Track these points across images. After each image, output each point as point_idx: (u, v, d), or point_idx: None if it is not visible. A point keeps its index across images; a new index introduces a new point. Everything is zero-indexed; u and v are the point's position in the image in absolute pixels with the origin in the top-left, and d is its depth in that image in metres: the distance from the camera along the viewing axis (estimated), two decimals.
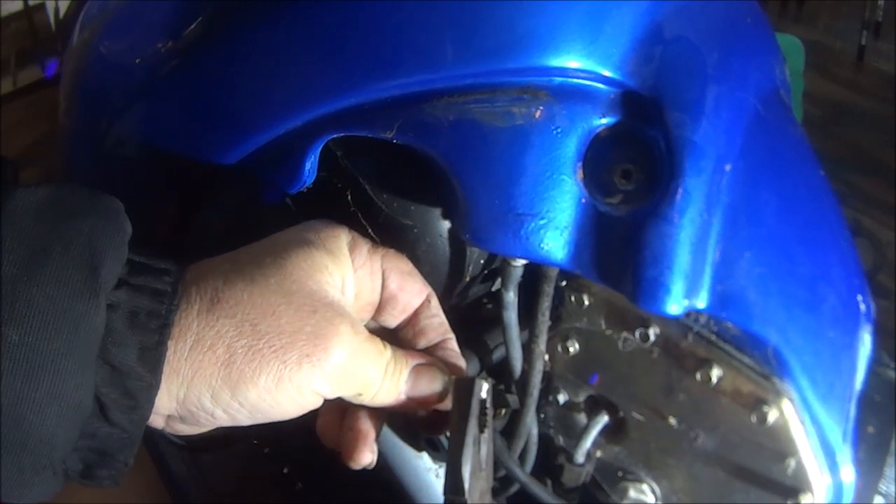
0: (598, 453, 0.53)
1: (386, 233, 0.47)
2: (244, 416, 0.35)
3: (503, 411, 0.54)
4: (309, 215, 0.52)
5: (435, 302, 0.43)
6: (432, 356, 0.41)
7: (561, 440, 0.55)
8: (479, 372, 0.54)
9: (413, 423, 0.43)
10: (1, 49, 2.47)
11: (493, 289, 0.54)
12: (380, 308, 0.41)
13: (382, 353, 0.38)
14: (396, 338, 0.42)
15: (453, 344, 0.42)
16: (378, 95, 0.41)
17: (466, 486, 0.36)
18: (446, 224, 0.46)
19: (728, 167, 0.40)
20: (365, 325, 0.40)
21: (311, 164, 0.44)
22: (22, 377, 0.28)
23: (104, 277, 0.31)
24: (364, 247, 0.40)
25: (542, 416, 0.55)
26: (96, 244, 0.32)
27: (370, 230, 0.48)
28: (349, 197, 0.48)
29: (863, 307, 0.50)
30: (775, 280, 0.42)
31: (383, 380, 0.38)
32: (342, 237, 0.39)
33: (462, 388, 0.39)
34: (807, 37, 1.93)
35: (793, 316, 0.43)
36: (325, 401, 0.37)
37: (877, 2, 2.55)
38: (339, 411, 0.41)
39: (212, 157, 0.47)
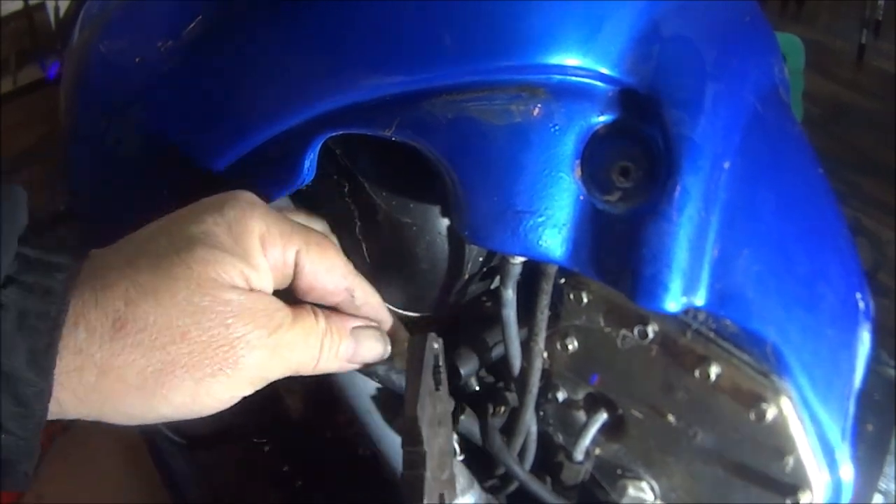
0: (598, 451, 0.53)
1: (384, 230, 0.47)
2: (166, 420, 0.34)
3: (502, 409, 0.54)
4: (308, 213, 0.52)
5: (360, 293, 0.40)
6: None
7: (560, 438, 0.55)
8: (479, 369, 0.54)
9: None
10: (1, 48, 2.47)
11: (492, 286, 0.54)
12: (302, 298, 0.40)
13: (314, 329, 0.37)
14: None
15: (392, 323, 0.42)
16: (377, 93, 0.41)
17: (424, 437, 0.36)
18: (445, 222, 0.46)
19: (726, 165, 0.40)
20: None
21: (310, 162, 0.44)
22: None
23: None
24: (277, 242, 0.37)
25: (542, 413, 0.55)
26: None
27: (367, 228, 0.48)
28: (348, 195, 0.48)
29: (862, 305, 0.50)
30: (774, 278, 0.42)
31: (321, 352, 0.37)
32: (254, 232, 0.36)
33: (415, 344, 0.39)
34: (807, 36, 1.93)
35: (791, 313, 0.43)
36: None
37: (877, 1, 2.55)
38: None
39: (211, 156, 0.47)
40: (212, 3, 0.47)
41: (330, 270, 0.39)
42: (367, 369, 0.41)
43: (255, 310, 0.35)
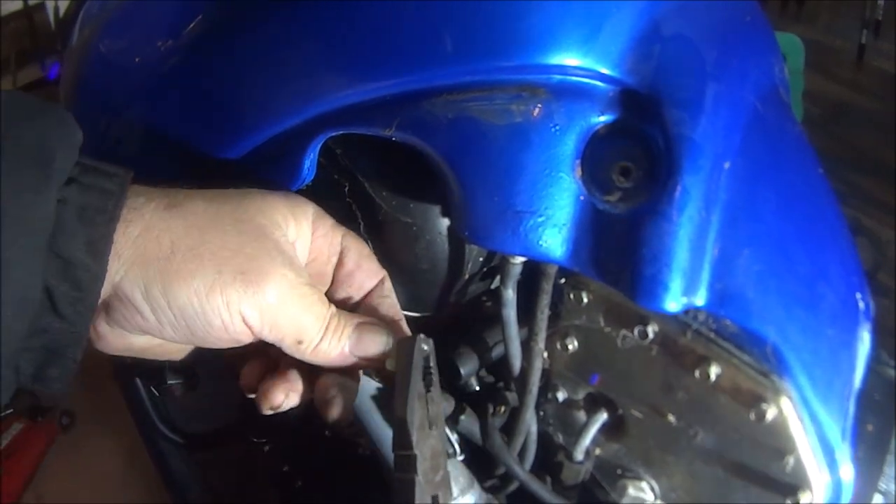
0: (598, 451, 0.53)
1: (385, 230, 0.47)
2: (169, 321, 0.35)
3: (502, 409, 0.54)
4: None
5: (388, 284, 0.44)
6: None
7: (560, 438, 0.55)
8: (479, 369, 0.54)
9: None
10: (1, 48, 2.47)
11: (493, 286, 0.54)
12: (336, 285, 0.42)
13: (324, 305, 0.38)
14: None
15: (403, 325, 0.43)
16: (377, 93, 0.41)
17: (414, 440, 0.36)
18: (445, 222, 0.46)
19: (727, 165, 0.40)
20: None
21: (310, 162, 0.44)
22: None
23: (54, 174, 0.32)
24: (328, 221, 0.41)
25: (542, 413, 0.55)
26: (48, 141, 0.32)
27: (368, 227, 0.48)
28: (348, 194, 0.48)
29: (862, 305, 0.50)
30: (774, 277, 0.42)
31: (325, 332, 0.38)
32: (309, 206, 0.41)
33: (404, 345, 0.39)
34: (807, 36, 1.93)
35: (791, 313, 0.43)
36: (261, 344, 0.38)
37: (877, 1, 2.55)
38: (269, 363, 0.42)
39: (211, 156, 0.47)
40: (212, 3, 0.47)
41: (370, 256, 0.43)
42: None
43: (284, 249, 0.38)
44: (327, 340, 0.38)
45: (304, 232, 0.40)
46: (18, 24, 2.52)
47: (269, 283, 0.36)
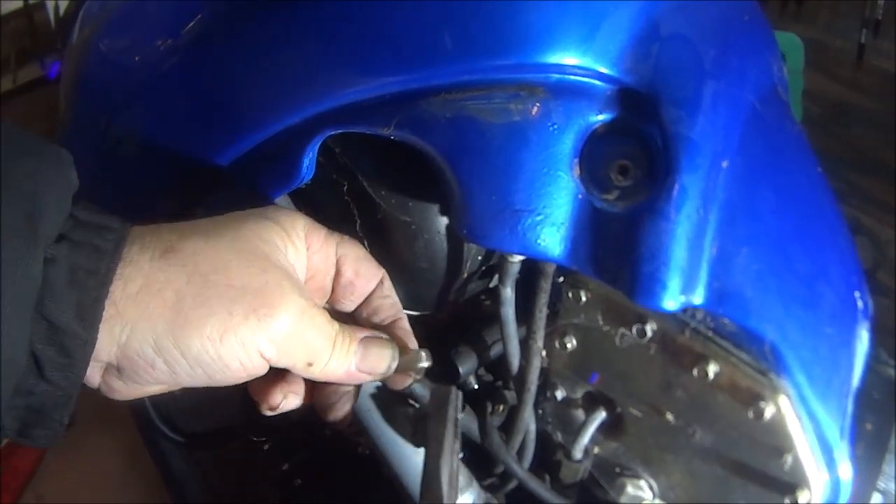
0: (596, 449, 0.53)
1: (383, 229, 0.47)
2: (184, 371, 0.34)
3: (501, 407, 0.54)
4: (308, 212, 0.52)
5: (388, 283, 0.43)
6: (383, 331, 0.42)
7: (559, 436, 0.55)
8: (478, 368, 0.54)
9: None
10: (1, 47, 2.48)
11: (491, 285, 0.54)
12: (336, 294, 0.42)
13: (331, 325, 0.38)
14: (350, 319, 0.42)
15: (405, 323, 0.43)
16: (375, 92, 0.41)
17: (445, 493, 0.36)
18: (444, 220, 0.46)
19: (725, 164, 0.40)
20: None
21: (309, 161, 0.44)
22: None
23: (44, 229, 0.30)
24: (320, 233, 0.40)
25: (540, 412, 0.55)
26: (39, 193, 0.31)
27: (367, 226, 0.48)
28: (347, 193, 0.48)
29: (860, 304, 0.50)
30: (772, 276, 0.42)
31: (332, 351, 0.38)
32: (299, 222, 0.39)
33: (439, 397, 0.39)
34: (807, 35, 1.93)
35: (790, 312, 0.43)
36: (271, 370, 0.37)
37: (876, 0, 2.55)
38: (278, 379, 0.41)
39: (211, 155, 0.47)
40: (211, 3, 0.47)
41: (367, 259, 0.42)
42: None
43: (289, 273, 0.37)
44: (335, 359, 0.38)
45: (300, 250, 0.39)
46: (18, 22, 2.53)
47: (282, 314, 0.34)
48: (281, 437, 0.81)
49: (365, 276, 0.41)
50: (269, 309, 0.34)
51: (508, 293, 0.47)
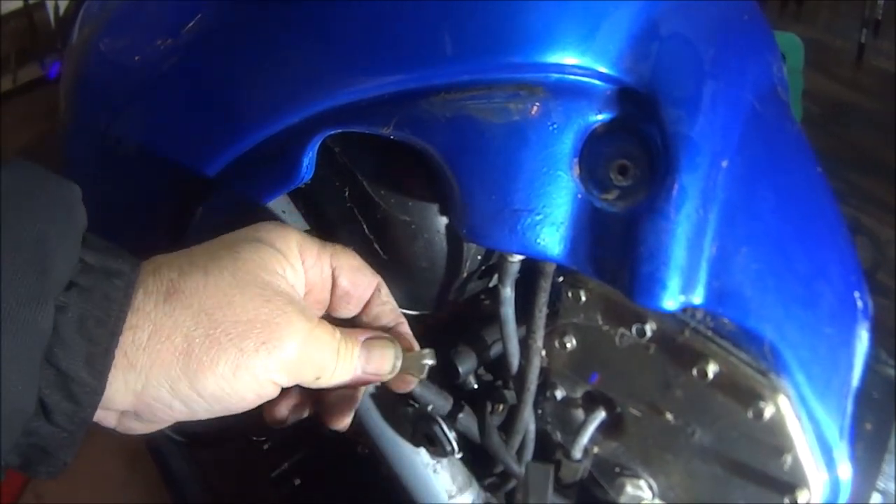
0: (596, 449, 0.53)
1: (383, 229, 0.47)
2: (202, 408, 0.35)
3: (500, 407, 0.54)
4: (307, 212, 0.52)
5: (385, 290, 0.43)
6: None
7: (558, 436, 0.55)
8: (477, 367, 0.54)
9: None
10: (1, 47, 2.48)
11: (491, 285, 0.54)
12: (333, 304, 0.42)
13: (333, 335, 0.38)
14: (350, 325, 0.42)
15: (405, 328, 0.43)
16: (375, 92, 0.41)
17: None
18: (443, 220, 0.46)
19: (724, 163, 0.40)
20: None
21: (308, 161, 0.44)
22: None
23: (54, 281, 0.30)
24: (313, 247, 0.40)
25: (540, 411, 0.55)
26: (48, 244, 0.31)
27: (366, 226, 0.48)
28: (346, 193, 0.48)
29: (860, 304, 0.50)
30: (772, 276, 0.42)
31: (337, 361, 0.38)
32: (292, 238, 0.39)
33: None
34: (807, 35, 1.92)
35: (789, 312, 0.43)
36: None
37: (876, 0, 2.55)
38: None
39: (210, 154, 0.47)
40: (211, 2, 0.47)
41: (361, 268, 0.42)
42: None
43: (292, 296, 0.37)
44: (340, 368, 0.38)
45: (298, 270, 0.39)
46: (18, 22, 2.53)
47: (290, 342, 0.35)
48: (281, 437, 0.81)
49: (361, 286, 0.42)
50: (277, 340, 0.35)
51: (508, 293, 0.47)
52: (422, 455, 0.55)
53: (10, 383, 0.29)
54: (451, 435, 0.51)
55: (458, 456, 0.53)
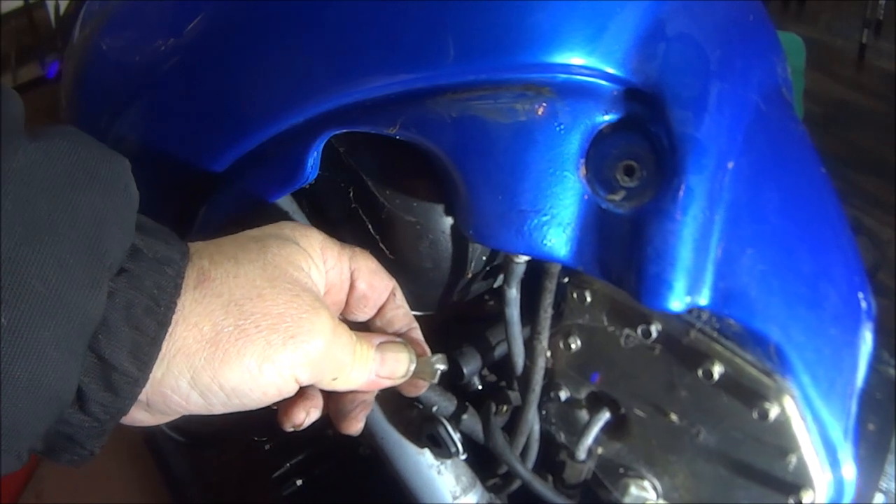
0: (600, 450, 0.53)
1: (388, 229, 0.47)
2: (220, 401, 0.34)
3: (505, 408, 0.54)
4: (311, 212, 0.52)
5: (399, 294, 0.43)
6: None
7: (562, 437, 0.55)
8: (482, 368, 0.54)
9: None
10: (1, 46, 2.47)
11: (496, 285, 0.54)
12: (350, 306, 0.42)
13: (350, 336, 0.38)
14: (364, 328, 0.43)
15: (418, 333, 0.43)
16: (380, 92, 0.41)
17: None
18: (449, 220, 0.46)
19: (730, 164, 0.40)
20: None
21: (313, 161, 0.44)
22: (3, 363, 0.26)
23: (107, 264, 0.29)
24: (334, 248, 0.40)
25: (544, 412, 0.55)
26: (104, 225, 0.29)
27: (371, 226, 0.48)
28: (351, 193, 0.48)
29: (864, 304, 0.50)
30: (777, 277, 0.42)
31: (353, 363, 0.38)
32: (315, 238, 0.39)
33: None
34: (808, 35, 1.92)
35: (794, 313, 0.43)
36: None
37: (878, 0, 2.55)
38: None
39: (214, 154, 0.47)
40: (213, 2, 0.47)
41: (378, 271, 0.42)
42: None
43: (317, 294, 0.37)
44: (357, 370, 0.38)
45: (320, 269, 0.39)
46: (18, 21, 2.52)
47: (317, 337, 0.35)
48: (281, 437, 0.81)
49: (378, 289, 0.42)
50: (307, 335, 0.35)
51: (513, 293, 0.47)
52: (426, 456, 0.55)
53: (51, 370, 0.27)
54: (456, 436, 0.51)
55: (463, 457, 0.52)
